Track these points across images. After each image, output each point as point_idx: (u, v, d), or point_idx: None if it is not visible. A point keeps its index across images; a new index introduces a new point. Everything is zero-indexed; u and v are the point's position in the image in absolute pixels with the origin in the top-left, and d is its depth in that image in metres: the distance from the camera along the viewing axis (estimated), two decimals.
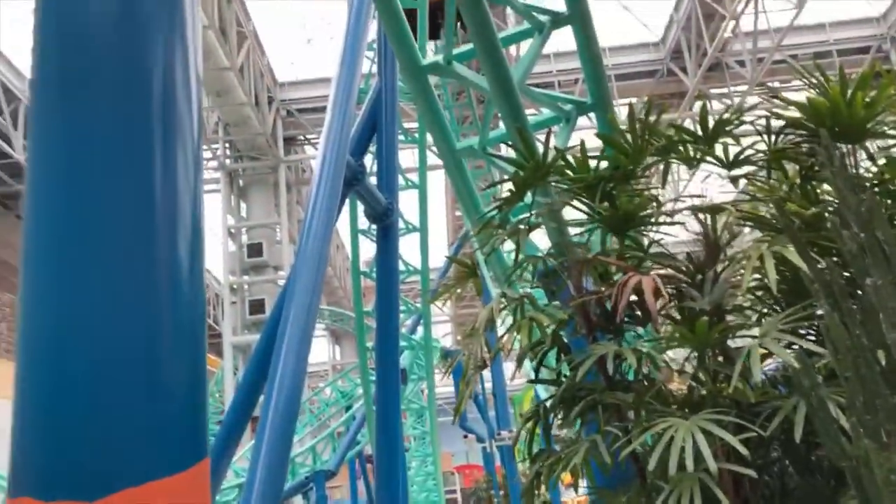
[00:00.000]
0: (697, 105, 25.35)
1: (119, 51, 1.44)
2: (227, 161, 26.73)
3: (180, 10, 1.55)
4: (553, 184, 3.05)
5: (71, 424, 1.24)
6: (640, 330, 3.17)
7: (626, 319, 3.05)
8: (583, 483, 3.07)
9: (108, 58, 1.44)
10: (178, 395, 1.30)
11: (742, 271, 2.78)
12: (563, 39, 4.72)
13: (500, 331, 3.13)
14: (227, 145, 26.63)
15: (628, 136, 2.79)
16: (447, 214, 35.04)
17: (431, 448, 19.20)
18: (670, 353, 2.93)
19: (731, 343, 2.73)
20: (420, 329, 14.98)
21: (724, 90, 25.30)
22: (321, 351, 41.69)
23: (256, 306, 25.27)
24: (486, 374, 17.41)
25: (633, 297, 2.75)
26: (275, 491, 6.11)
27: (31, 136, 1.45)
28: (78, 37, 1.48)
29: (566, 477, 2.94)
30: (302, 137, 29.10)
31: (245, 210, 27.56)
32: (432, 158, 15.05)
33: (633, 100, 21.64)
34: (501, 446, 15.65)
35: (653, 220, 2.98)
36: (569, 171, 2.96)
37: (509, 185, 3.42)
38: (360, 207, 9.07)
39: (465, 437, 23.01)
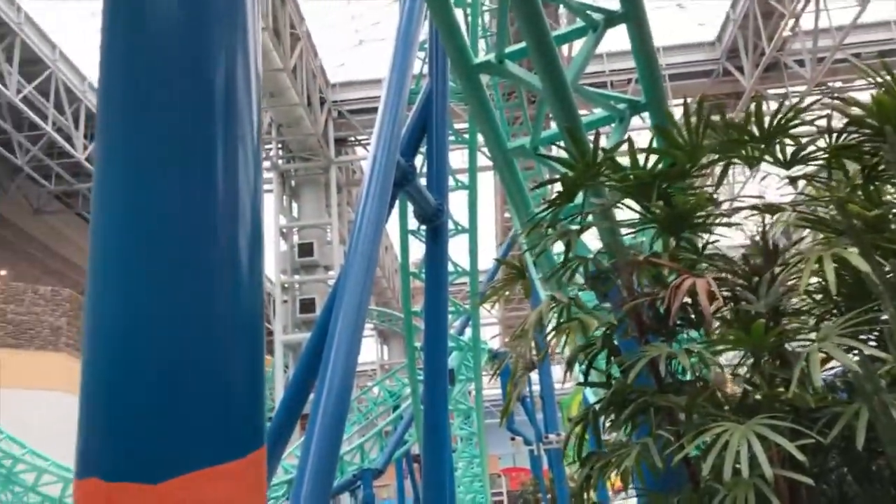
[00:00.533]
0: (752, 107, 24.75)
1: (184, 55, 1.47)
2: (280, 161, 27.12)
3: (242, 14, 1.58)
4: (605, 184, 3.01)
5: (135, 411, 1.28)
6: (693, 333, 3.12)
7: (678, 322, 3.00)
8: (631, 486, 3.03)
9: (173, 62, 1.47)
10: (237, 384, 1.34)
11: (799, 274, 2.71)
12: (617, 39, 4.67)
13: (550, 332, 3.10)
14: (279, 146, 27.02)
15: (685, 133, 2.74)
16: (496, 216, 34.97)
17: (478, 449, 19.19)
18: (724, 356, 2.87)
19: (787, 347, 2.67)
20: (468, 330, 14.98)
21: (782, 90, 24.72)
22: (369, 350, 42.00)
23: (307, 305, 25.58)
24: (534, 376, 17.32)
25: (687, 300, 2.71)
26: (324, 488, 6.17)
27: (99, 140, 1.49)
28: (144, 41, 1.51)
29: (615, 482, 2.90)
30: (353, 138, 29.38)
31: (297, 210, 27.93)
32: (482, 159, 15.04)
33: (689, 99, 21.28)
34: (549, 450, 15.53)
35: (709, 220, 2.92)
36: (622, 170, 2.92)
37: (559, 186, 3.39)
38: (410, 208, 9.10)
39: (513, 439, 22.91)
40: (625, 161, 3.07)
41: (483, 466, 17.04)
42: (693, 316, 3.02)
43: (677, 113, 3.79)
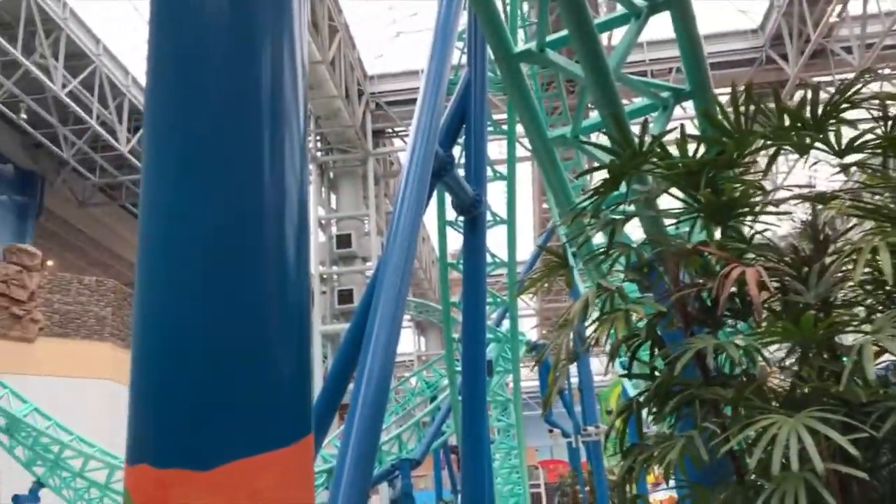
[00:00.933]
0: (798, 95, 24.25)
1: (230, 50, 1.47)
2: (318, 153, 27.32)
3: (289, 7, 1.58)
4: (652, 172, 2.96)
5: (185, 400, 1.30)
6: (739, 324, 3.06)
7: (725, 313, 2.94)
8: (670, 479, 2.99)
9: (220, 57, 1.48)
10: (285, 373, 1.35)
11: (851, 264, 2.63)
12: (657, 27, 4.59)
13: (589, 323, 3.07)
14: (318, 138, 27.21)
15: (734, 120, 2.68)
16: (534, 207, 34.81)
17: (516, 441, 19.15)
18: (770, 348, 2.81)
19: (837, 339, 2.60)
20: (506, 322, 14.94)
21: (829, 78, 24.16)
22: (407, 341, 42.21)
23: (345, 296, 25.79)
24: (573, 369, 17.23)
25: (734, 290, 2.65)
26: (364, 477, 6.21)
27: (146, 136, 1.50)
28: (191, 37, 1.51)
29: (658, 476, 2.87)
30: (390, 130, 29.46)
31: (335, 202, 28.13)
32: (520, 150, 14.96)
33: (737, 87, 20.89)
34: (587, 442, 15.44)
35: (757, 209, 2.85)
36: (667, 158, 2.87)
37: (601, 175, 3.35)
38: (447, 199, 9.08)
39: (551, 431, 22.84)
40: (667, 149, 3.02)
41: (521, 458, 17.03)
42: (740, 307, 2.96)
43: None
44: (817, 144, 2.66)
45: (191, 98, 1.45)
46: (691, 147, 2.96)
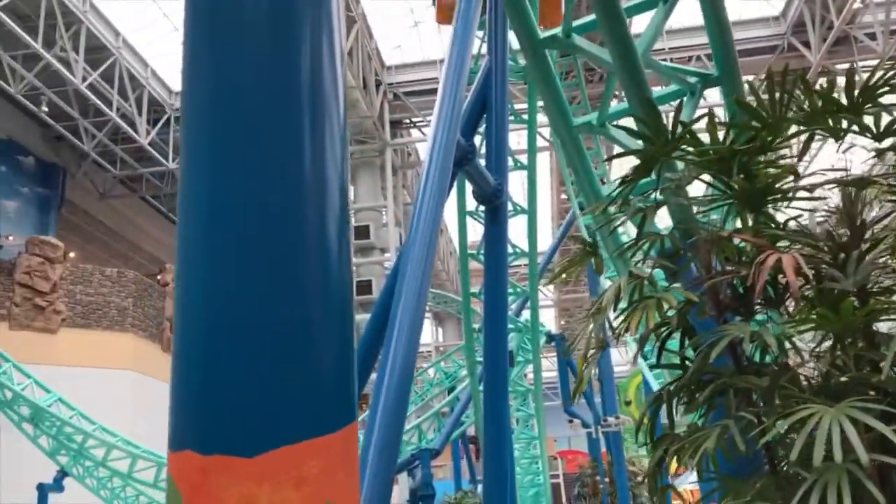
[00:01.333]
0: (821, 82, 23.92)
1: (268, 39, 1.45)
2: None
3: None
4: (684, 158, 2.91)
5: (230, 387, 1.29)
6: (769, 313, 3.01)
7: (758, 301, 2.89)
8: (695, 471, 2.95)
9: (258, 48, 1.45)
10: (329, 360, 1.35)
11: (889, 251, 2.58)
12: (675, 16, 4.51)
13: (617, 313, 3.03)
14: None
15: (767, 105, 2.62)
16: (552, 198, 34.66)
17: (535, 431, 19.13)
18: (802, 337, 2.76)
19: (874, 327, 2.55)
20: (525, 312, 14.89)
21: (852, 65, 23.83)
22: (425, 332, 42.22)
23: (363, 287, 25.82)
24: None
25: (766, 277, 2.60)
26: (388, 468, 6.19)
27: (184, 128, 1.48)
28: (228, 24, 1.49)
29: (679, 468, 2.82)
30: (408, 120, 29.41)
31: (352, 193, 28.17)
32: (538, 140, 14.86)
33: (751, 77, 20.71)
34: (608, 432, 15.38)
35: (791, 194, 2.80)
36: (699, 145, 2.82)
37: (622, 163, 3.30)
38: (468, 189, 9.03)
39: (571, 422, 22.80)
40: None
41: (542, 448, 16.99)
42: (772, 294, 2.92)
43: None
44: (854, 128, 2.60)
45: (228, 88, 1.43)
46: (721, 133, 2.91)
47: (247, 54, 1.42)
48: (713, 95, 7.44)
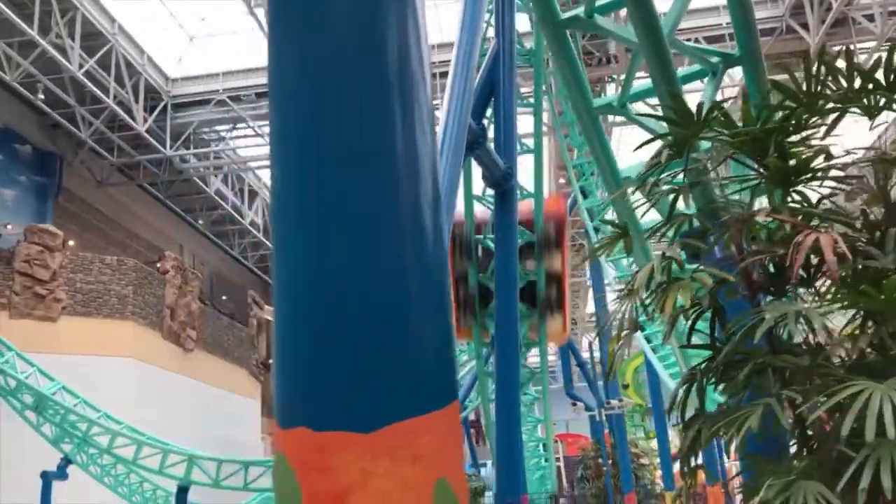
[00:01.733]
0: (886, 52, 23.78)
1: (357, 27, 1.44)
2: None
3: None
4: (717, 139, 2.91)
5: (342, 365, 1.30)
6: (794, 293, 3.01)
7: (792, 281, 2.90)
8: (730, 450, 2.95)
9: (347, 37, 1.45)
10: (433, 340, 1.36)
11: None
12: None
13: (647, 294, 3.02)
14: None
15: (803, 84, 2.61)
16: (550, 182, 34.62)
17: (538, 415, 19.21)
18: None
19: None
20: None
21: (850, 47, 23.75)
22: None
23: None
24: (596, 342, 17.21)
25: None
26: None
27: (275, 113, 1.47)
28: (316, 21, 1.48)
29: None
30: None
31: None
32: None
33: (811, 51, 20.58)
34: (610, 415, 15.46)
35: (824, 174, 2.80)
36: (734, 125, 2.81)
37: (627, 144, 3.31)
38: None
39: (574, 405, 22.91)
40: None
41: (549, 431, 17.08)
42: (803, 274, 2.92)
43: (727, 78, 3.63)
44: (893, 106, 2.60)
45: (317, 74, 1.42)
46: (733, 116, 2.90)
47: (334, 40, 1.42)
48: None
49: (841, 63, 2.75)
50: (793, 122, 2.71)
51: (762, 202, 3.22)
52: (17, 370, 17.25)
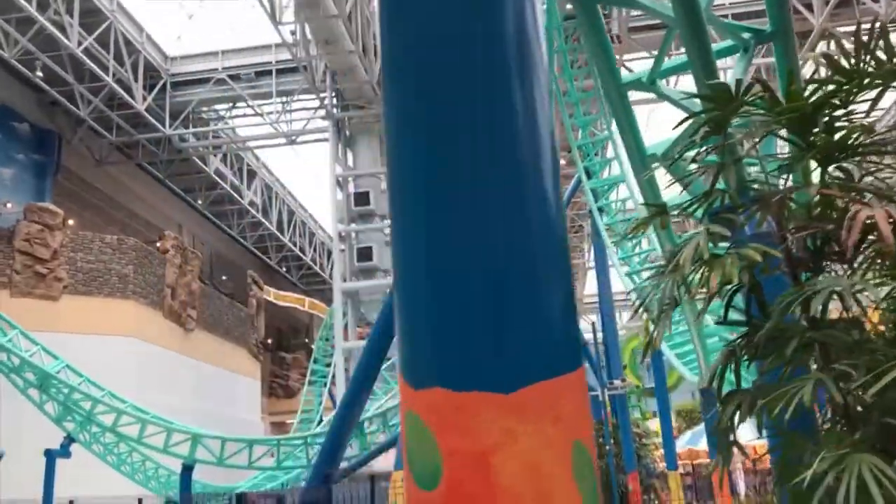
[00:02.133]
0: (821, 46, 23.81)
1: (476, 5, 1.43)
2: (335, 110, 27.09)
3: None
4: (756, 115, 2.88)
5: (484, 325, 1.29)
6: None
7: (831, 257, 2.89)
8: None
9: (463, 10, 1.43)
10: (559, 305, 1.36)
11: None
12: None
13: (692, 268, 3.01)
14: (333, 94, 26.96)
15: (849, 60, 2.59)
16: None
17: None
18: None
19: None
20: None
21: (854, 28, 23.66)
22: None
23: (364, 254, 25.77)
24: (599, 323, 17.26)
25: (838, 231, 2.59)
26: None
27: (391, 87, 1.46)
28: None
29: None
30: None
31: (352, 159, 27.96)
32: None
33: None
34: (613, 395, 15.52)
35: (868, 149, 2.78)
36: (776, 102, 2.79)
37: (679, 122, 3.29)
38: None
39: None
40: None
41: None
42: (837, 249, 2.91)
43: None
44: None
45: (434, 45, 1.41)
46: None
47: (454, 26, 1.41)
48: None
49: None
50: (840, 97, 2.69)
51: (789, 180, 3.21)
52: (21, 348, 17.24)
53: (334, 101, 27.16)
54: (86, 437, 18.18)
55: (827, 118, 2.67)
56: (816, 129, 2.77)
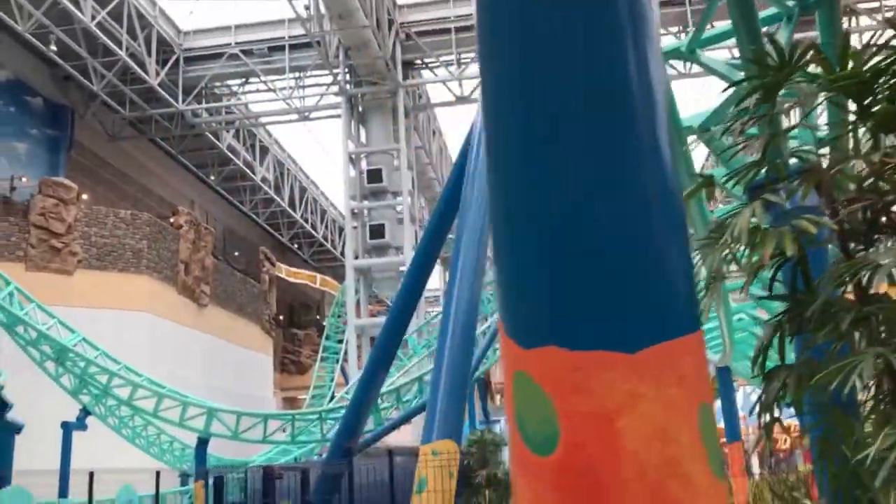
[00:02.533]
0: (843, 21, 23.45)
1: None
2: (348, 86, 26.92)
3: None
4: (809, 82, 2.80)
5: (603, 278, 1.25)
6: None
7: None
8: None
9: None
10: (678, 265, 1.33)
11: None
12: None
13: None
14: (346, 70, 26.78)
15: None
16: None
17: None
18: None
19: None
20: None
21: (875, 4, 23.33)
22: (433, 277, 42.25)
23: (376, 231, 25.73)
24: None
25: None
26: (458, 406, 6.29)
27: (491, 67, 1.41)
28: None
29: None
30: (420, 61, 28.88)
31: (364, 136, 27.81)
32: None
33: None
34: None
35: None
36: (831, 70, 2.70)
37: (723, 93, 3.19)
38: None
39: None
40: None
41: None
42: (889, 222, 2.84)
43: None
44: None
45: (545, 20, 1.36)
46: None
47: None
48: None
49: None
50: None
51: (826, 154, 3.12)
52: (38, 322, 17.33)
53: (347, 76, 26.98)
54: (101, 410, 18.32)
55: (888, 86, 2.58)
56: (871, 98, 2.69)
